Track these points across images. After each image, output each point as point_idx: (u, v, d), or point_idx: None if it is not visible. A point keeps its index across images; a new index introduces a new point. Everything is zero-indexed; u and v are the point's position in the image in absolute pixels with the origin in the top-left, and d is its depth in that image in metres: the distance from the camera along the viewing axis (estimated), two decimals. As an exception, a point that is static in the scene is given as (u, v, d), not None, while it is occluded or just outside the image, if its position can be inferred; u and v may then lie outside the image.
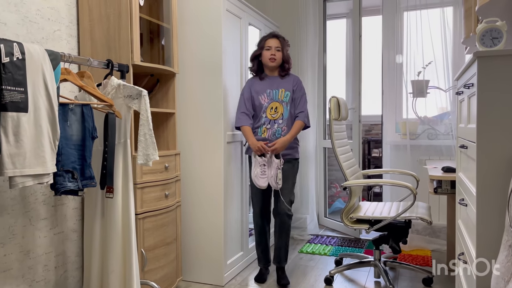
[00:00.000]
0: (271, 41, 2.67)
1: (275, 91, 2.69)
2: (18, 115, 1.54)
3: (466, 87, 1.60)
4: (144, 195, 2.24)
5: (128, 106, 2.05)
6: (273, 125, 2.66)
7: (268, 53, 2.66)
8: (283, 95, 2.69)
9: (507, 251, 1.17)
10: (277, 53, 2.66)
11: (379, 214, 2.58)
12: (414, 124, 3.62)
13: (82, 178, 1.86)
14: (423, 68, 3.51)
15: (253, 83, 2.74)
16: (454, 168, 2.47)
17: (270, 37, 2.69)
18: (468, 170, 1.69)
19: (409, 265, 2.86)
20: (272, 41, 2.67)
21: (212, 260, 2.72)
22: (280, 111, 2.68)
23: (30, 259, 2.02)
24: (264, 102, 2.68)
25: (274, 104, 2.69)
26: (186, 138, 2.76)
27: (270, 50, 2.66)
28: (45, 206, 2.10)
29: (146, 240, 2.26)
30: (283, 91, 2.69)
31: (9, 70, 1.51)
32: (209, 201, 2.72)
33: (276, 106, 2.68)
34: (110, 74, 2.06)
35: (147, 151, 2.04)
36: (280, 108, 2.68)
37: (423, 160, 3.53)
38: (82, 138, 1.87)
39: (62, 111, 1.78)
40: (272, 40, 2.67)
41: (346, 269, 2.89)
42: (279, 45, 2.67)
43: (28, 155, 1.58)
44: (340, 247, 3.48)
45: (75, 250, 2.28)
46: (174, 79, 2.58)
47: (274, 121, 2.67)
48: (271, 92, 2.69)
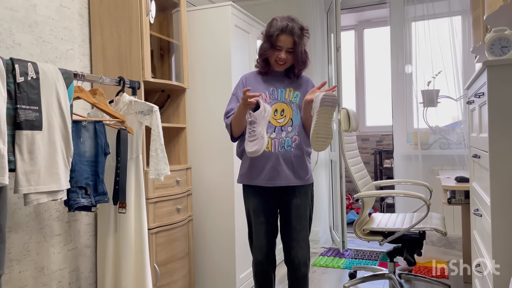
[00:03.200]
0: (283, 38, 1.95)
1: (281, 90, 2.02)
2: (32, 133, 1.57)
3: (476, 96, 1.60)
4: (156, 210, 2.26)
5: (140, 122, 2.08)
6: (280, 133, 1.96)
7: (277, 54, 1.97)
8: (292, 95, 2.03)
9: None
10: (288, 55, 1.97)
11: (393, 225, 2.55)
12: (426, 134, 3.59)
13: (95, 194, 1.88)
14: (433, 77, 3.50)
15: (249, 78, 2.08)
16: (467, 178, 2.44)
17: (283, 32, 1.94)
18: (482, 180, 1.67)
19: (425, 277, 2.81)
20: (285, 38, 1.95)
21: (225, 274, 2.70)
22: (288, 114, 2.00)
23: (45, 276, 2.03)
24: (264, 101, 1.97)
25: (279, 105, 2.00)
26: (197, 152, 2.77)
27: (281, 50, 1.97)
28: (59, 222, 2.12)
29: (159, 255, 2.26)
30: (291, 90, 2.03)
31: (24, 90, 1.55)
32: (221, 215, 2.72)
33: (283, 109, 2.00)
34: (122, 90, 2.10)
35: (159, 166, 2.06)
36: (288, 111, 2.00)
37: (435, 170, 3.50)
38: (95, 154, 1.89)
39: (76, 128, 1.81)
40: (285, 38, 1.95)
41: (361, 282, 2.85)
42: (292, 46, 1.96)
43: (43, 172, 1.60)
44: (354, 260, 3.44)
45: (89, 266, 2.29)
46: (184, 94, 2.61)
47: (281, 127, 1.97)
48: (274, 90, 2.02)
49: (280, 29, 1.95)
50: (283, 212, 2.01)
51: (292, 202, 1.98)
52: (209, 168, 2.74)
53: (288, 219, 1.99)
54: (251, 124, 1.86)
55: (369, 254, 3.58)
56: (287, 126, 1.98)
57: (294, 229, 1.97)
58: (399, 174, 3.68)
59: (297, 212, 1.97)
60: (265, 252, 2.01)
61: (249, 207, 2.06)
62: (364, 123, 5.50)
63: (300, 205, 1.98)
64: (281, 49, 1.97)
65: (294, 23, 1.97)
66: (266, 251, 2.01)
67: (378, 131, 5.45)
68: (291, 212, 1.98)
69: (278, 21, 1.97)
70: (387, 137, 5.36)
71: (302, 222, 1.98)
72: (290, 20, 1.98)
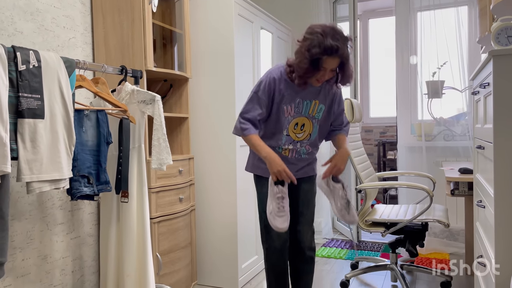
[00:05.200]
0: (330, 61, 1.72)
1: (307, 102, 1.91)
2: (34, 121, 1.57)
3: (482, 87, 1.58)
4: (158, 199, 2.26)
5: (142, 111, 2.07)
6: (296, 145, 1.96)
7: (320, 74, 1.77)
8: (316, 110, 1.94)
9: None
10: (330, 73, 1.79)
11: (395, 217, 2.55)
12: (430, 126, 3.57)
13: (98, 183, 1.89)
14: (438, 68, 3.46)
15: (279, 84, 1.87)
16: (471, 170, 2.42)
17: (331, 54, 1.70)
18: (486, 171, 1.66)
19: (427, 269, 2.81)
20: (331, 60, 1.72)
21: (227, 264, 2.72)
22: (308, 130, 1.95)
23: (48, 264, 2.05)
24: (288, 115, 1.90)
25: (300, 120, 1.92)
26: (199, 142, 2.77)
27: (324, 71, 1.76)
28: (62, 211, 2.13)
29: (161, 244, 2.27)
30: (316, 103, 1.92)
31: (26, 78, 1.54)
32: (223, 205, 2.72)
33: (304, 123, 1.92)
34: (124, 80, 2.09)
35: (161, 156, 2.06)
36: (309, 126, 1.94)
37: (439, 161, 3.48)
38: (97, 143, 1.89)
39: (78, 117, 1.81)
40: (331, 60, 1.72)
41: (362, 273, 2.85)
42: (337, 65, 1.77)
43: (45, 161, 1.60)
44: (356, 251, 3.44)
45: (92, 255, 2.31)
46: (187, 84, 2.60)
47: (299, 142, 1.97)
48: (300, 102, 1.90)
49: (327, 53, 1.69)
50: (291, 196, 1.98)
51: (300, 187, 2.03)
52: (212, 158, 2.74)
53: (295, 204, 2.02)
54: (279, 199, 1.84)
55: (371, 245, 3.58)
56: (304, 140, 1.98)
57: (301, 213, 2.03)
58: (402, 165, 3.66)
59: (304, 197, 2.04)
60: (284, 238, 1.99)
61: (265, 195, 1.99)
62: (368, 115, 5.47)
63: (308, 190, 2.06)
64: (326, 70, 1.75)
65: (342, 43, 1.70)
66: (285, 237, 1.99)
67: (382, 123, 5.43)
68: (299, 196, 2.04)
69: (324, 40, 1.67)
70: (391, 128, 5.33)
71: (309, 207, 2.06)
72: (337, 38, 1.69)
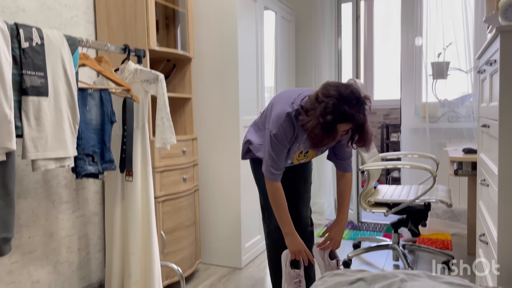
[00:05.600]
0: (344, 125, 1.60)
1: None
2: (39, 99, 1.57)
3: (488, 64, 1.56)
4: (162, 179, 2.27)
5: (145, 91, 2.07)
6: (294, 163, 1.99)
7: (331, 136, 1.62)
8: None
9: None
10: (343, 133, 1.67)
11: (398, 197, 2.56)
12: (434, 107, 3.55)
13: (102, 161, 1.89)
14: (444, 49, 3.43)
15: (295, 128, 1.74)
16: (475, 150, 2.42)
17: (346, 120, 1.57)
18: (490, 151, 1.66)
19: (429, 248, 2.83)
20: (345, 125, 1.60)
21: (230, 243, 2.75)
22: (311, 156, 1.98)
23: (54, 241, 2.07)
24: (298, 149, 1.88)
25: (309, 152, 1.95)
26: (203, 123, 2.77)
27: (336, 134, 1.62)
28: (67, 190, 2.15)
29: (166, 223, 2.29)
30: None
31: (29, 55, 1.53)
32: (226, 185, 2.74)
33: (308, 151, 1.93)
34: (127, 59, 2.08)
35: (165, 135, 2.06)
36: (312, 154, 1.97)
37: (443, 143, 3.47)
38: (101, 122, 1.89)
39: (81, 96, 1.80)
40: (345, 125, 1.60)
41: (364, 252, 2.88)
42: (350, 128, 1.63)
43: (50, 139, 1.61)
44: (358, 231, 3.47)
45: (97, 233, 2.34)
46: (190, 64, 2.58)
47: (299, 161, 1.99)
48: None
49: (342, 120, 1.56)
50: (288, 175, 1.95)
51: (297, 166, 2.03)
52: (215, 139, 2.74)
53: (292, 182, 2.03)
54: (296, 283, 1.86)
55: (374, 226, 3.61)
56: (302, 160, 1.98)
57: (298, 191, 2.07)
58: (406, 147, 3.66)
59: (302, 176, 2.07)
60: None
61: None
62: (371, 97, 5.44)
63: (305, 168, 2.09)
64: (338, 132, 1.61)
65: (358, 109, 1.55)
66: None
67: (385, 105, 5.40)
68: (296, 175, 2.06)
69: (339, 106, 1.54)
70: (394, 110, 5.31)
71: (307, 185, 2.10)
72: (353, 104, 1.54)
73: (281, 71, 3.43)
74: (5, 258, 1.84)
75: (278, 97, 1.89)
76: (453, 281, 1.28)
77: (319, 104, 1.57)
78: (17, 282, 1.89)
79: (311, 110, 1.61)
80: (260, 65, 2.96)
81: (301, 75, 3.94)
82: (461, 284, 1.26)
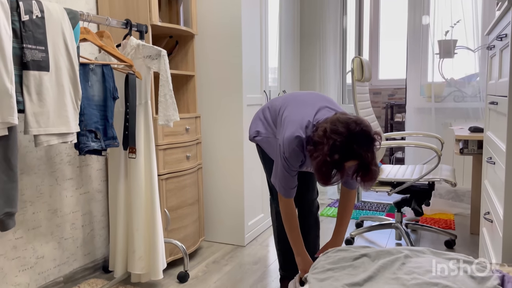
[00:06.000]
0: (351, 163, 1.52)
1: None
2: (40, 74, 1.55)
3: (498, 39, 1.52)
4: (166, 157, 2.27)
5: (148, 67, 2.04)
6: None
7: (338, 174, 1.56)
8: None
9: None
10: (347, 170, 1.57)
11: (402, 176, 2.54)
12: (440, 87, 3.51)
13: (105, 138, 1.88)
14: (451, 27, 3.36)
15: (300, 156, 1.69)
16: (481, 128, 2.39)
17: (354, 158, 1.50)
18: (497, 129, 1.63)
19: (431, 228, 2.83)
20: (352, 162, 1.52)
21: (234, 221, 2.76)
22: None
23: (58, 218, 2.08)
24: (306, 169, 1.85)
25: None
26: (206, 101, 2.74)
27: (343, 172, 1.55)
28: (70, 167, 2.14)
29: (169, 201, 2.30)
30: None
31: (29, 29, 1.51)
32: (229, 164, 2.73)
33: None
34: (129, 34, 2.05)
35: (168, 112, 2.04)
36: None
37: (448, 123, 3.44)
38: (103, 98, 1.88)
39: (83, 71, 1.78)
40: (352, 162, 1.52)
41: (367, 231, 2.89)
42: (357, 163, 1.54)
43: (52, 114, 1.59)
44: (361, 211, 3.48)
45: (101, 210, 2.35)
46: (193, 41, 2.54)
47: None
48: None
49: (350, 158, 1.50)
50: None
51: None
52: (218, 117, 2.72)
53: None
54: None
55: (377, 206, 3.61)
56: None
57: (304, 175, 1.99)
58: (410, 127, 3.63)
59: None
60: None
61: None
62: (376, 77, 5.38)
63: None
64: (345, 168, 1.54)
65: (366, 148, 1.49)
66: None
67: (390, 85, 5.34)
68: None
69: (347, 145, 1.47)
70: (399, 90, 5.25)
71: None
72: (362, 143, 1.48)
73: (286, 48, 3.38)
74: (10, 233, 1.85)
75: (293, 106, 1.77)
76: (458, 257, 1.28)
77: (327, 140, 1.50)
78: (22, 257, 1.91)
79: (319, 145, 1.53)
80: (264, 42, 2.91)
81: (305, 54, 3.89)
82: (466, 260, 1.26)
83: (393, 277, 1.19)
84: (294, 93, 1.91)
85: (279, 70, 3.26)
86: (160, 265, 2.06)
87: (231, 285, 2.19)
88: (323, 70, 3.80)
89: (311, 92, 1.91)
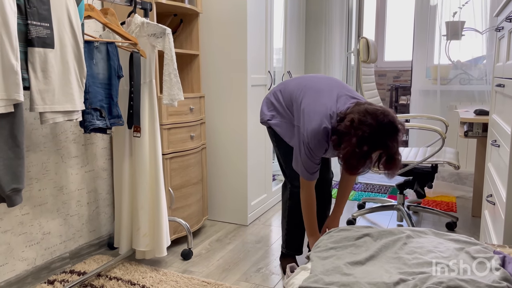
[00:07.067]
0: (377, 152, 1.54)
1: None
2: (45, 51, 1.54)
3: (507, 20, 1.50)
4: (170, 136, 2.27)
5: (152, 45, 2.03)
6: None
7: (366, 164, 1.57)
8: None
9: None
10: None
11: (405, 158, 2.55)
12: (446, 69, 3.47)
13: (110, 116, 1.89)
14: (460, 8, 3.31)
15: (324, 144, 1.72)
16: (487, 111, 2.38)
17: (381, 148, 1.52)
18: (504, 111, 1.63)
19: (433, 210, 2.85)
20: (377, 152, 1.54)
21: (237, 201, 2.78)
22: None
23: (64, 195, 2.11)
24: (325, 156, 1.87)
25: None
26: (210, 81, 2.73)
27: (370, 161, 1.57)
28: (76, 145, 2.16)
29: (173, 180, 2.32)
30: None
31: (34, 5, 1.49)
32: (233, 144, 2.74)
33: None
34: (134, 11, 2.03)
35: (172, 91, 2.04)
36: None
37: (453, 105, 3.43)
38: (108, 76, 1.87)
39: (88, 49, 1.77)
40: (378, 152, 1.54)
41: (369, 212, 2.91)
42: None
43: (57, 92, 1.59)
44: (363, 192, 3.50)
45: (106, 188, 2.37)
46: (197, 20, 2.52)
47: None
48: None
49: (377, 149, 1.52)
50: None
51: None
52: (223, 98, 2.72)
53: None
54: None
55: (379, 188, 3.63)
56: None
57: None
58: (415, 109, 3.61)
59: None
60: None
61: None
62: (382, 58, 5.33)
63: None
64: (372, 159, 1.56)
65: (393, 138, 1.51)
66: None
67: (396, 67, 5.30)
68: None
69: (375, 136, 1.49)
70: (404, 73, 5.21)
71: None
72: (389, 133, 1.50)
73: (291, 28, 3.34)
74: (17, 209, 1.88)
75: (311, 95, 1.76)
76: (459, 238, 1.29)
77: (354, 131, 1.51)
78: (28, 232, 1.94)
79: (345, 135, 1.55)
80: (270, 22, 2.88)
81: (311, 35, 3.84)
82: (467, 241, 1.27)
83: (395, 257, 1.20)
84: (307, 78, 1.89)
85: (284, 51, 3.23)
86: (164, 242, 2.09)
87: (234, 262, 2.23)
88: (328, 51, 3.76)
89: (325, 77, 1.90)
